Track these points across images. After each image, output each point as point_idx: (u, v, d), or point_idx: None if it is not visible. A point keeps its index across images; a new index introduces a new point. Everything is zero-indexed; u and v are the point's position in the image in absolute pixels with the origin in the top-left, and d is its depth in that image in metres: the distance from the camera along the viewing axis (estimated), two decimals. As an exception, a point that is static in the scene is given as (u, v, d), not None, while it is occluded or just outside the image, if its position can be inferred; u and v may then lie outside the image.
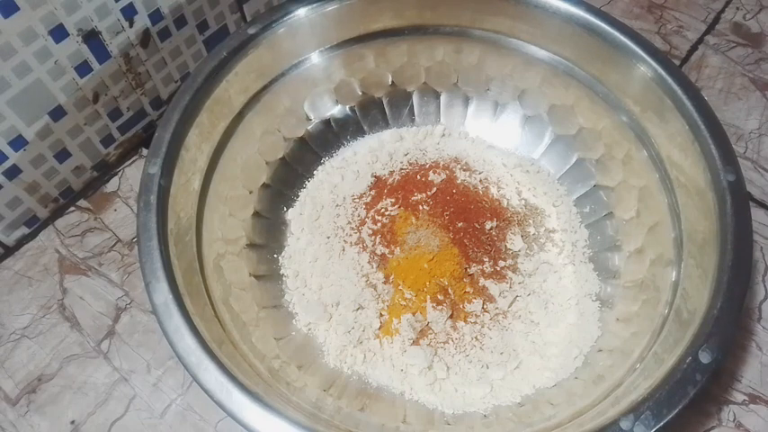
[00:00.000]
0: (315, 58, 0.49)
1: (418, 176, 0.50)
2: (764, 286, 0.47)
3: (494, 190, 0.50)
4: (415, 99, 0.54)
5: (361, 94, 0.53)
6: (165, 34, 0.50)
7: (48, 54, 0.43)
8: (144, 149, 0.54)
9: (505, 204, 0.49)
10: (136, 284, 0.47)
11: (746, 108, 0.56)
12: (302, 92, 0.50)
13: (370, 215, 0.48)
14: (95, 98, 0.48)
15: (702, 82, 0.58)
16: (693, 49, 0.60)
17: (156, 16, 0.48)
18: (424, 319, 0.44)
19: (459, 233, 0.47)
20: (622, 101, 0.45)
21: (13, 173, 0.46)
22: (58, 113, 0.46)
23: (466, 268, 0.45)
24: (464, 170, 0.51)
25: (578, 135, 0.49)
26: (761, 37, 0.61)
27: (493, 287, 0.45)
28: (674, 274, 0.40)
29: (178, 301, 0.35)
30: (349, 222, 0.48)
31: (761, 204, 0.51)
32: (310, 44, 0.48)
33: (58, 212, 0.51)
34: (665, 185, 0.43)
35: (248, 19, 0.56)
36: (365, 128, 0.53)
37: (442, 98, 0.54)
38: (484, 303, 0.45)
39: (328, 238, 0.48)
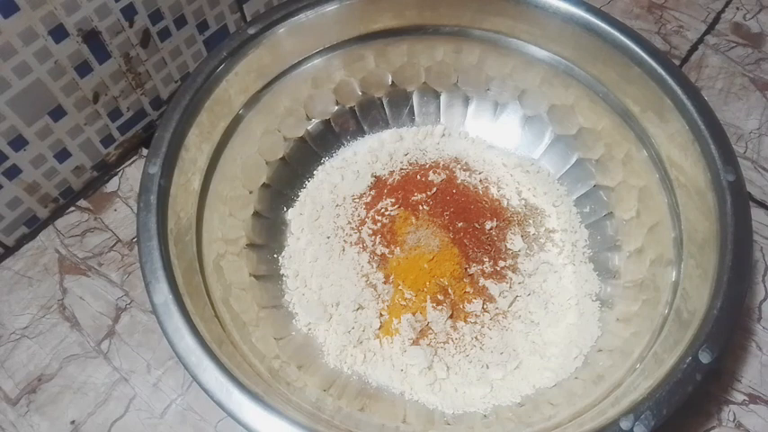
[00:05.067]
0: (315, 58, 0.49)
1: (418, 176, 0.50)
2: (764, 286, 0.47)
3: (494, 190, 0.50)
4: (415, 99, 0.54)
5: (361, 94, 0.53)
6: (165, 34, 0.50)
7: (48, 54, 0.43)
8: (144, 149, 0.54)
9: (505, 204, 0.49)
10: (136, 284, 0.47)
11: (746, 108, 0.56)
12: (302, 92, 0.50)
13: (370, 215, 0.48)
14: (95, 98, 0.48)
15: (702, 82, 0.58)
16: (693, 49, 0.60)
17: (156, 16, 0.48)
18: (424, 319, 0.44)
19: (459, 233, 0.47)
20: (622, 101, 0.45)
21: (13, 173, 0.46)
22: (57, 113, 0.46)
23: (466, 268, 0.45)
24: (464, 170, 0.51)
25: (578, 135, 0.49)
26: (761, 37, 0.61)
27: (493, 287, 0.45)
28: (674, 274, 0.40)
29: (178, 301, 0.35)
30: (349, 222, 0.48)
31: (761, 204, 0.51)
32: (310, 44, 0.48)
33: (58, 212, 0.51)
34: (665, 185, 0.43)
35: (248, 19, 0.56)
36: (365, 128, 0.53)
37: (442, 98, 0.54)
38: (484, 303, 0.45)
39: (328, 238, 0.48)
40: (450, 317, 0.44)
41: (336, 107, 0.52)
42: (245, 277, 0.44)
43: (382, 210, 0.48)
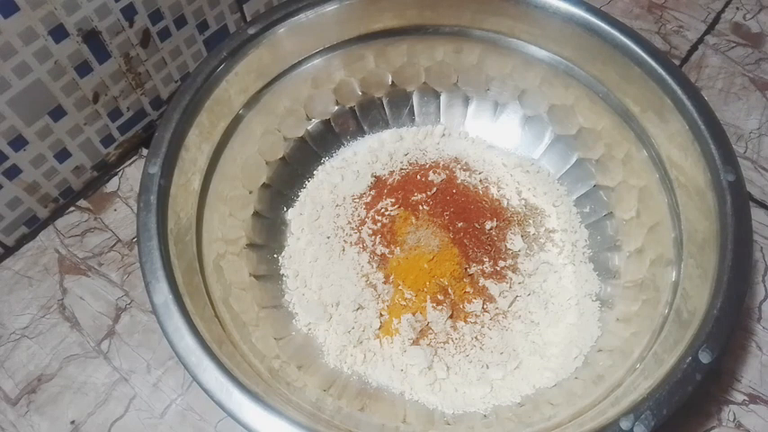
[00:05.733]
0: (315, 58, 0.49)
1: (418, 176, 0.50)
2: (764, 286, 0.47)
3: (494, 190, 0.50)
4: (415, 99, 0.54)
5: (361, 94, 0.53)
6: (165, 34, 0.50)
7: (48, 54, 0.43)
8: (144, 149, 0.54)
9: (505, 204, 0.49)
10: (136, 284, 0.47)
11: (746, 108, 0.56)
12: (302, 92, 0.50)
13: (370, 215, 0.48)
14: (95, 98, 0.48)
15: (702, 82, 0.58)
16: (693, 49, 0.60)
17: (156, 16, 0.48)
18: (424, 319, 0.44)
19: (459, 233, 0.47)
20: (622, 101, 0.45)
21: (13, 173, 0.46)
22: (57, 113, 0.46)
23: (466, 268, 0.45)
24: (464, 170, 0.51)
25: (578, 135, 0.49)
26: (761, 37, 0.61)
27: (493, 287, 0.45)
28: (674, 274, 0.40)
29: (178, 301, 0.35)
30: (349, 222, 0.48)
31: (761, 204, 0.51)
32: (310, 44, 0.48)
33: (58, 212, 0.51)
34: (665, 185, 0.43)
35: (248, 19, 0.56)
36: (365, 128, 0.53)
37: (442, 98, 0.54)
38: (484, 303, 0.45)
39: (328, 238, 0.48)
40: (450, 317, 0.44)
41: (336, 107, 0.52)
42: (245, 277, 0.44)
43: (382, 210, 0.48)
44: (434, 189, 0.49)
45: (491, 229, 0.47)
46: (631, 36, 0.43)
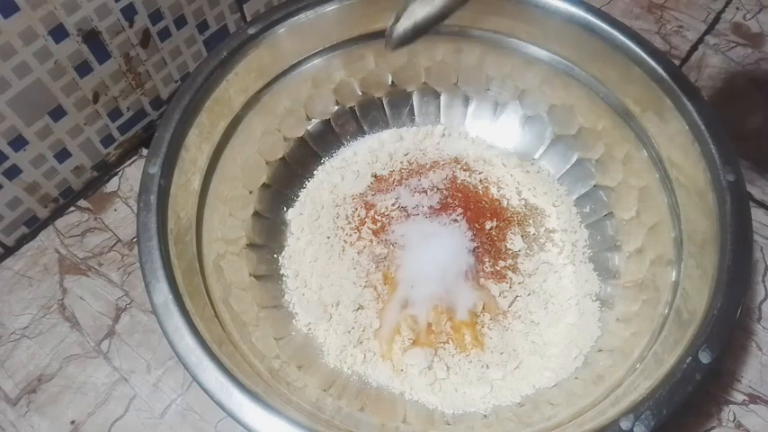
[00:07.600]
0: (315, 58, 0.49)
1: (418, 176, 0.50)
2: (764, 286, 0.47)
3: (494, 190, 0.50)
4: (415, 99, 0.54)
5: (361, 94, 0.53)
6: (165, 34, 0.50)
7: (48, 54, 0.43)
8: (144, 149, 0.54)
9: (505, 204, 0.49)
10: (136, 284, 0.47)
11: (746, 108, 0.56)
12: (302, 92, 0.50)
13: (370, 215, 0.48)
14: (95, 98, 0.48)
15: (702, 82, 0.58)
16: (693, 49, 0.60)
17: (156, 16, 0.48)
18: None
19: (459, 233, 0.46)
20: (622, 101, 0.45)
21: (13, 173, 0.46)
22: (58, 113, 0.46)
23: (466, 268, 0.45)
24: (464, 170, 0.51)
25: (578, 135, 0.49)
26: (761, 37, 0.61)
27: (493, 287, 0.45)
28: (674, 274, 0.40)
29: (178, 301, 0.35)
30: (349, 222, 0.48)
31: (761, 204, 0.51)
32: (310, 44, 0.48)
33: (58, 212, 0.51)
34: (665, 185, 0.43)
35: (248, 19, 0.56)
36: (365, 128, 0.53)
37: (442, 98, 0.54)
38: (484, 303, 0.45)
39: (328, 238, 0.48)
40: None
41: (336, 107, 0.52)
42: (245, 277, 0.44)
43: (382, 210, 0.48)
44: (435, 189, 0.49)
45: (491, 229, 0.47)
46: (631, 36, 0.43)
